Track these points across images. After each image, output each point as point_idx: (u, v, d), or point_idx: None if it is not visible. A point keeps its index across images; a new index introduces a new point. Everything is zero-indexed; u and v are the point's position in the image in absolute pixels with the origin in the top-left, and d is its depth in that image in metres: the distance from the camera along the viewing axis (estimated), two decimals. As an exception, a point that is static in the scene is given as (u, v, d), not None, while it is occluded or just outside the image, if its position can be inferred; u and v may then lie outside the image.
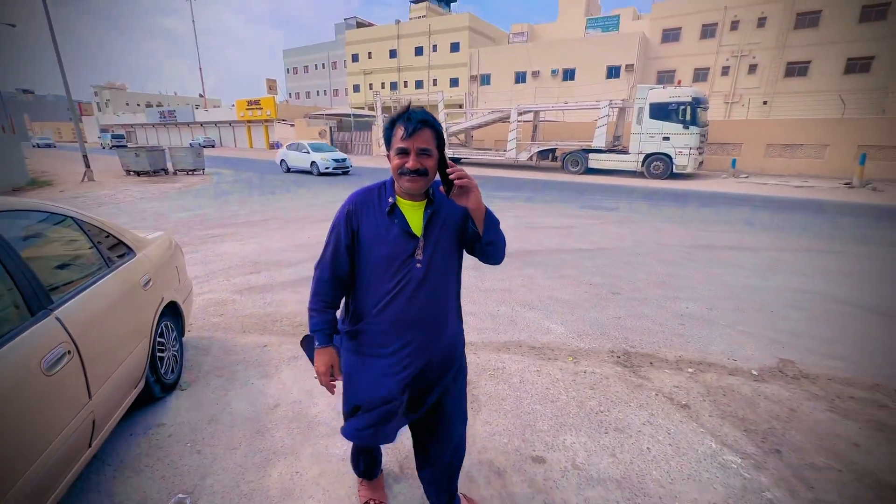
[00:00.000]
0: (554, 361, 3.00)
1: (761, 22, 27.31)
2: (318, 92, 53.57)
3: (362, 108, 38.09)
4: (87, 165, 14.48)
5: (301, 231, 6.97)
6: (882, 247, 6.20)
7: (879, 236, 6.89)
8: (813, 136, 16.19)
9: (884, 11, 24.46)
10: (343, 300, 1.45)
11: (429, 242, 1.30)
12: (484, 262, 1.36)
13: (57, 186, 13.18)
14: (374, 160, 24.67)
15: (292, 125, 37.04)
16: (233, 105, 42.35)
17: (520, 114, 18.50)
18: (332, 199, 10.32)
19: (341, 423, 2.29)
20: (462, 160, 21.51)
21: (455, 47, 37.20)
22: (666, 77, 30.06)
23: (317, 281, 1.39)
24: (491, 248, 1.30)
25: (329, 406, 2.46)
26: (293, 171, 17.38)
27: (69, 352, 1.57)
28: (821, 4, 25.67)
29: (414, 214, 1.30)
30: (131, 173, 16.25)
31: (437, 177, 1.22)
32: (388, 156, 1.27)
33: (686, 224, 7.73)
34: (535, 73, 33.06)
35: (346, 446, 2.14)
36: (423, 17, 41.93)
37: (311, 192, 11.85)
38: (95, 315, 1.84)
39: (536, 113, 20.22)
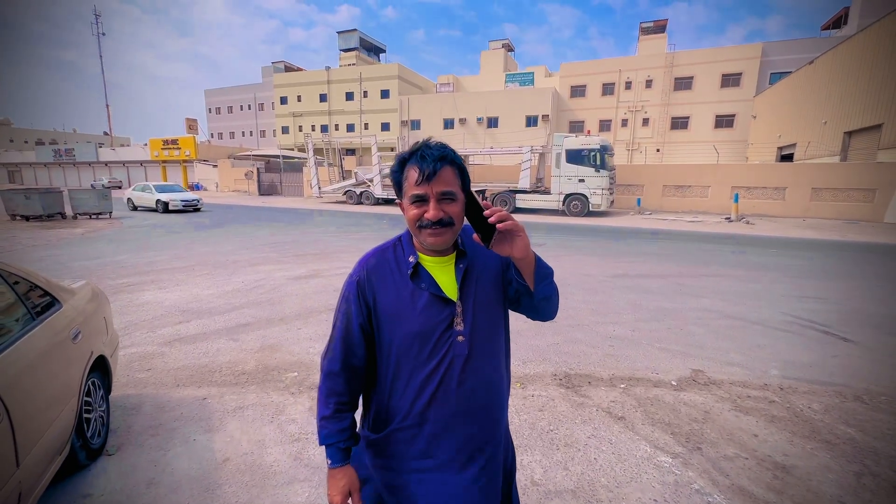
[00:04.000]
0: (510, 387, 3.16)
1: (648, 83, 32.24)
2: (243, 132, 51.90)
3: (292, 150, 37.48)
4: (-40, 210, 12.47)
5: (233, 276, 6.61)
6: (754, 270, 7.39)
7: (752, 261, 8.21)
8: (697, 178, 19.00)
9: (738, 79, 30.23)
10: (363, 403, 1.14)
11: (468, 306, 1.03)
12: (534, 319, 1.11)
13: (-84, 235, 11.13)
14: (305, 202, 24.17)
15: (215, 166, 35.25)
16: (145, 144, 39.39)
17: (451, 157, 19.47)
18: (265, 243, 9.92)
19: (300, 469, 2.22)
20: (397, 200, 21.85)
21: (385, 94, 38.65)
22: (577, 126, 33.78)
23: (325, 377, 1.08)
24: (545, 303, 1.04)
25: (285, 454, 2.37)
26: (140, 209, 19.54)
27: (-1, 414, 1.43)
28: (692, 72, 31.06)
29: (443, 273, 1.04)
30: (18, 218, 14.27)
31: (466, 221, 0.99)
32: (401, 205, 1.04)
33: (605, 256, 8.58)
34: (462, 121, 35.28)
35: (309, 492, 2.08)
36: (353, 64, 43.28)
37: (240, 235, 11.29)
38: (24, 372, 1.67)
39: (466, 157, 21.45)
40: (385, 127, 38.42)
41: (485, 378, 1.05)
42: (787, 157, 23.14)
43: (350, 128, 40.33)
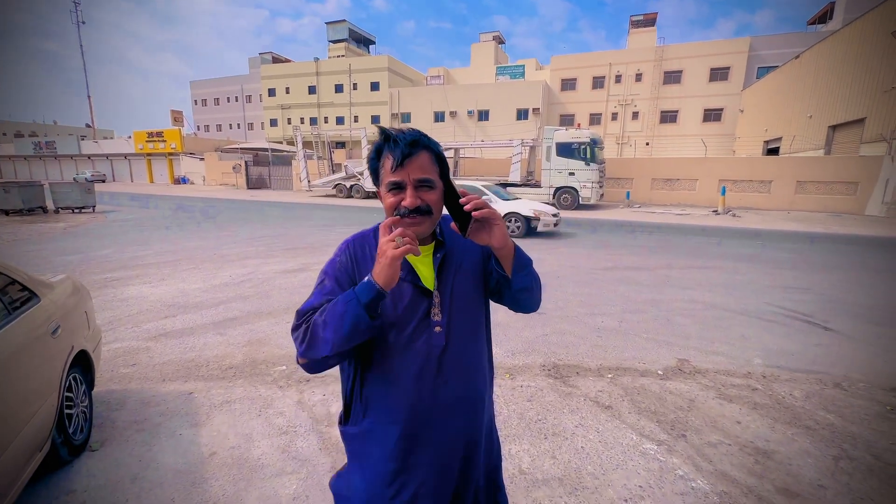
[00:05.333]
0: (493, 379, 3.18)
1: (638, 77, 32.36)
2: (230, 125, 51.03)
3: (280, 142, 37.00)
4: (-64, 204, 12.10)
5: (221, 270, 6.52)
6: (739, 262, 7.51)
7: (738, 253, 8.34)
8: (685, 171, 19.19)
9: (726, 73, 30.49)
10: (342, 396, 1.11)
11: (445, 297, 1.01)
12: (516, 311, 1.10)
13: None
14: (294, 195, 23.91)
15: (202, 159, 34.65)
16: (129, 137, 38.55)
17: (443, 150, 19.39)
18: (252, 236, 9.80)
19: (288, 462, 2.21)
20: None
21: (375, 86, 38.25)
22: (567, 120, 33.82)
23: (308, 309, 0.98)
24: (525, 294, 1.02)
25: (273, 446, 2.36)
26: None
27: (-27, 410, 1.39)
28: (682, 65, 31.24)
29: (422, 262, 1.02)
30: (-3, 212, 13.89)
31: (445, 211, 0.97)
32: (379, 193, 1.01)
33: (594, 248, 8.64)
34: (453, 113, 35.10)
35: (297, 485, 2.08)
36: (342, 56, 42.71)
37: (225, 230, 11.13)
38: (0, 368, 1.63)
39: (457, 150, 21.37)
40: (375, 119, 38.07)
41: (463, 370, 1.03)
42: (774, 151, 23.47)
43: (340, 120, 39.88)
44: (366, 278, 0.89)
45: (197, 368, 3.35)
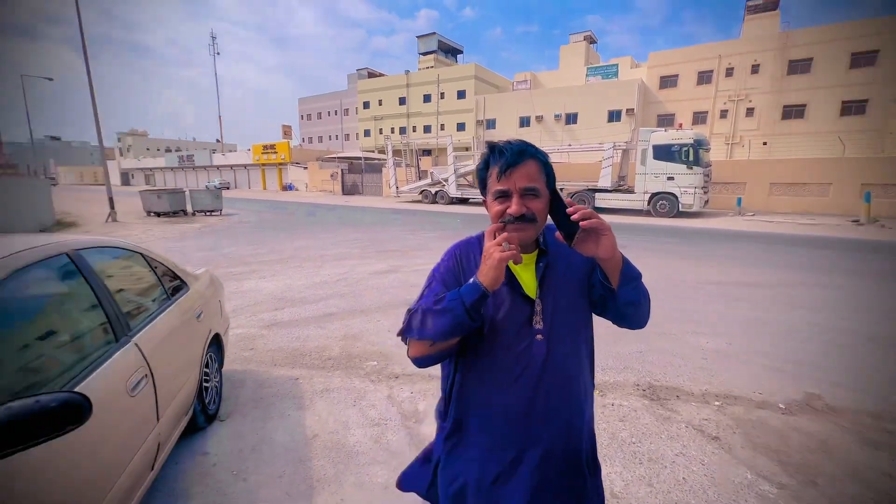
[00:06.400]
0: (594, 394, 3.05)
1: (755, 68, 28.59)
2: (329, 136, 55.87)
3: (372, 151, 39.56)
4: (112, 207, 15.06)
5: (320, 269, 7.17)
6: (882, 280, 6.22)
7: (879, 270, 6.92)
8: (816, 175, 16.51)
9: (872, 58, 25.59)
10: (442, 392, 1.16)
11: (547, 305, 1.02)
12: (620, 325, 1.07)
13: (81, 227, 13.68)
14: (383, 201, 25.34)
15: (305, 168, 38.42)
16: (248, 149, 44.20)
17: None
18: (346, 239, 10.61)
19: (380, 452, 2.36)
20: (470, 200, 22.05)
21: (462, 94, 39.08)
22: (665, 120, 31.15)
23: (419, 307, 1.01)
24: (631, 309, 1.00)
25: (367, 436, 2.52)
26: None
27: (146, 375, 1.71)
28: (811, 52, 26.95)
29: (524, 270, 1.04)
30: (152, 214, 16.84)
31: (549, 220, 0.99)
32: (486, 202, 1.04)
33: (697, 260, 7.83)
34: (539, 118, 34.42)
35: (388, 475, 2.20)
36: (432, 67, 44.41)
37: (327, 232, 12.20)
38: (163, 343, 1.98)
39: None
40: (460, 127, 38.87)
41: (563, 381, 1.02)
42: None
43: (427, 129, 41.44)
44: (471, 279, 0.93)
45: (301, 357, 3.72)
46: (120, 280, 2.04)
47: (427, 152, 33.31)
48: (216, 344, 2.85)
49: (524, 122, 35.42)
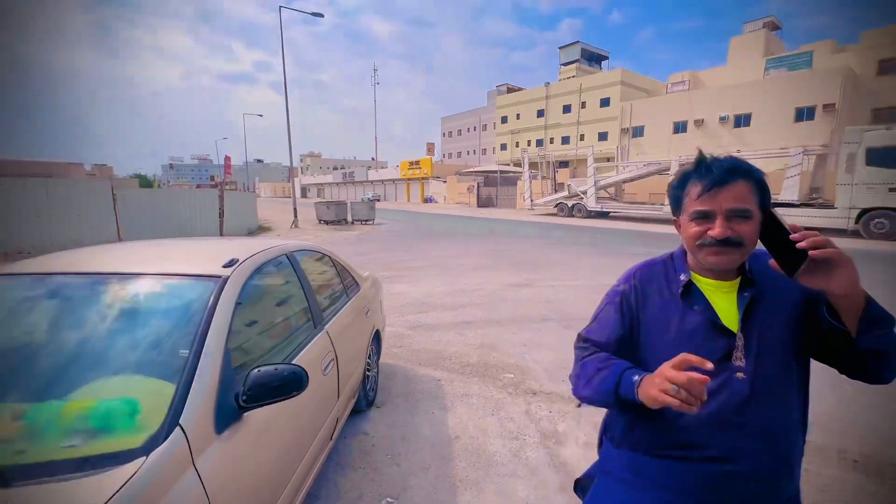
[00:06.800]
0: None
1: None
2: (467, 152, 58.73)
3: (508, 165, 40.15)
4: (296, 216, 18.46)
5: (459, 278, 7.54)
6: None
7: None
8: None
9: None
10: (603, 419, 1.11)
11: (751, 341, 0.89)
12: (854, 377, 0.88)
13: (275, 231, 17.08)
14: (517, 213, 25.39)
15: (444, 181, 41.08)
16: (397, 165, 49.37)
17: (682, 165, 17.05)
18: (481, 250, 10.95)
19: (519, 466, 2.36)
20: (611, 214, 20.58)
21: (605, 102, 36.97)
22: (882, 115, 24.18)
23: (584, 351, 1.05)
24: (875, 359, 0.81)
25: (506, 448, 2.55)
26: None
27: (333, 359, 2.05)
28: None
29: (722, 299, 0.93)
30: (322, 222, 20.07)
31: (761, 245, 0.88)
32: (677, 222, 0.97)
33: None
34: (699, 122, 30.32)
35: (528, 492, 2.18)
36: (573, 77, 43.15)
37: (463, 242, 12.80)
38: (343, 333, 2.35)
39: (702, 164, 18.34)
40: (602, 137, 36.73)
41: (766, 427, 0.88)
42: None
43: (565, 140, 40.28)
44: (634, 378, 0.88)
45: (442, 360, 3.96)
46: (315, 277, 2.49)
47: (564, 164, 32.34)
48: (377, 339, 3.24)
49: (679, 127, 31.68)
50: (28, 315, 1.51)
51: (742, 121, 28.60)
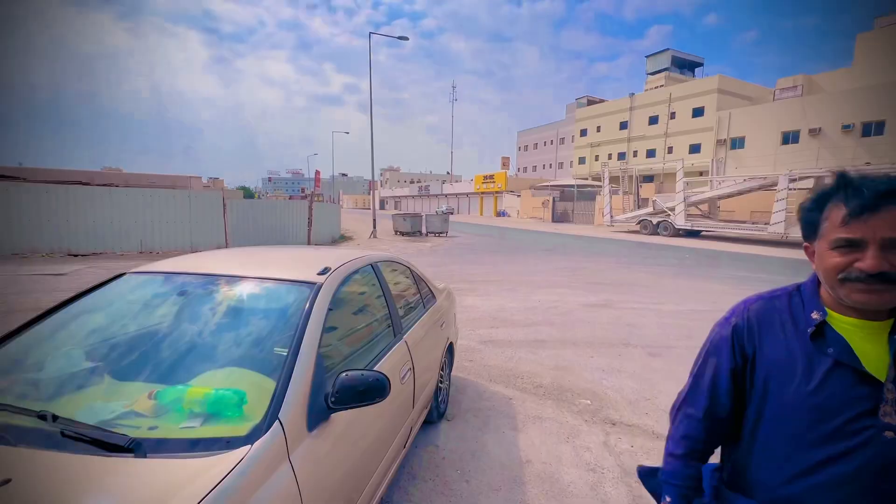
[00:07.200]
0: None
1: None
2: (543, 166, 57.66)
3: (586, 179, 38.64)
4: (374, 226, 19.48)
5: (531, 294, 7.35)
6: None
7: None
8: None
9: None
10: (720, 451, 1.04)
11: None
12: None
13: (355, 240, 18.15)
14: (595, 230, 24.23)
15: (518, 195, 40.70)
16: (471, 179, 50.00)
17: (792, 181, 15.07)
18: (556, 266, 10.58)
19: (595, 500, 2.20)
20: (702, 233, 18.77)
21: (698, 112, 34.11)
22: None
23: (684, 417, 1.00)
24: None
25: (582, 480, 2.40)
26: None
27: (410, 369, 2.10)
28: None
29: (867, 341, 0.81)
30: (398, 233, 20.92)
31: None
32: (809, 248, 0.88)
33: None
34: (815, 131, 26.65)
35: (607, 531, 2.02)
36: (661, 86, 40.52)
37: (537, 258, 12.50)
38: (420, 343, 2.40)
39: (818, 179, 16.04)
40: (695, 149, 33.85)
41: None
42: None
43: (650, 153, 37.79)
44: (665, 500, 0.98)
45: (514, 378, 3.86)
46: (395, 287, 2.58)
47: (649, 179, 30.33)
48: (450, 351, 3.26)
49: (789, 137, 28.13)
50: (159, 307, 1.76)
51: (874, 129, 24.58)
